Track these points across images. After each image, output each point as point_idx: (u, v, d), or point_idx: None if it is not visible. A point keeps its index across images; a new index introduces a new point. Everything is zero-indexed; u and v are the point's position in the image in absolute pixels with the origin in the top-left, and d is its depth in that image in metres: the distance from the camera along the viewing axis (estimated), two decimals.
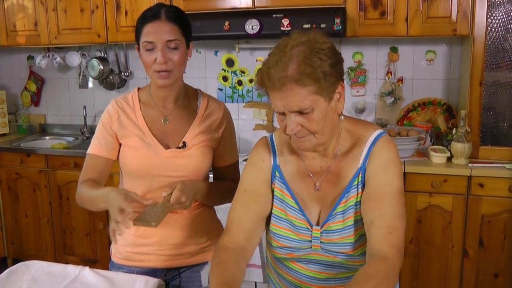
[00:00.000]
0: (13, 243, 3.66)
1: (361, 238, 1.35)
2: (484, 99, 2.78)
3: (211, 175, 1.79)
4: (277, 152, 1.46)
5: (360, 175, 1.35)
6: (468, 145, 2.71)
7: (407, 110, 3.26)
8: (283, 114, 1.26)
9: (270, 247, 1.46)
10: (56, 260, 3.45)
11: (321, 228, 1.37)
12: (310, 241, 1.38)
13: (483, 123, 2.81)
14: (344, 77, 1.32)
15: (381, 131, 1.39)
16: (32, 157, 3.44)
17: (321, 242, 1.37)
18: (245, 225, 1.40)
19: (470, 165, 2.72)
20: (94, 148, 1.66)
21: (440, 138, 3.10)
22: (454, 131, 2.82)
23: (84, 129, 3.81)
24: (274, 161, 1.45)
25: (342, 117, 1.37)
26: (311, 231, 1.37)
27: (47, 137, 3.89)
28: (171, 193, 1.49)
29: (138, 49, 1.59)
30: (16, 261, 3.64)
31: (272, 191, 1.44)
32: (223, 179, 1.76)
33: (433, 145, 3.00)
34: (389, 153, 1.34)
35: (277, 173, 1.44)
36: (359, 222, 1.35)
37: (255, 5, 3.03)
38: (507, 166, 2.68)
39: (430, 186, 2.72)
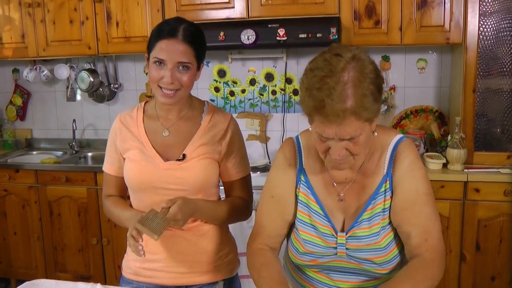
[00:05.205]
0: (0, 262, 3.54)
1: (389, 245, 1.35)
2: (477, 105, 2.83)
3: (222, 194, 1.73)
4: (303, 155, 1.44)
5: (387, 182, 1.35)
6: (464, 151, 2.76)
7: (400, 118, 3.30)
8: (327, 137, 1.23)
9: (294, 253, 1.44)
10: (47, 277, 3.34)
11: (346, 235, 1.36)
12: (335, 248, 1.37)
13: (477, 129, 2.86)
14: None
15: (401, 136, 1.40)
16: (21, 173, 3.35)
17: (346, 249, 1.36)
18: (274, 231, 1.45)
19: (466, 170, 2.76)
20: (106, 166, 1.69)
21: (434, 145, 3.14)
22: (449, 137, 2.87)
23: (73, 143, 3.71)
24: (300, 164, 1.44)
25: (376, 133, 1.33)
26: (336, 238, 1.37)
27: (35, 152, 3.80)
28: (169, 207, 1.42)
29: (148, 58, 1.54)
30: (3, 280, 3.57)
31: (297, 195, 1.43)
32: (232, 196, 1.69)
33: (427, 151, 3.04)
34: (411, 156, 1.36)
35: (302, 177, 1.43)
36: (386, 228, 1.36)
37: (250, 15, 3.03)
38: (501, 170, 2.74)
39: None
